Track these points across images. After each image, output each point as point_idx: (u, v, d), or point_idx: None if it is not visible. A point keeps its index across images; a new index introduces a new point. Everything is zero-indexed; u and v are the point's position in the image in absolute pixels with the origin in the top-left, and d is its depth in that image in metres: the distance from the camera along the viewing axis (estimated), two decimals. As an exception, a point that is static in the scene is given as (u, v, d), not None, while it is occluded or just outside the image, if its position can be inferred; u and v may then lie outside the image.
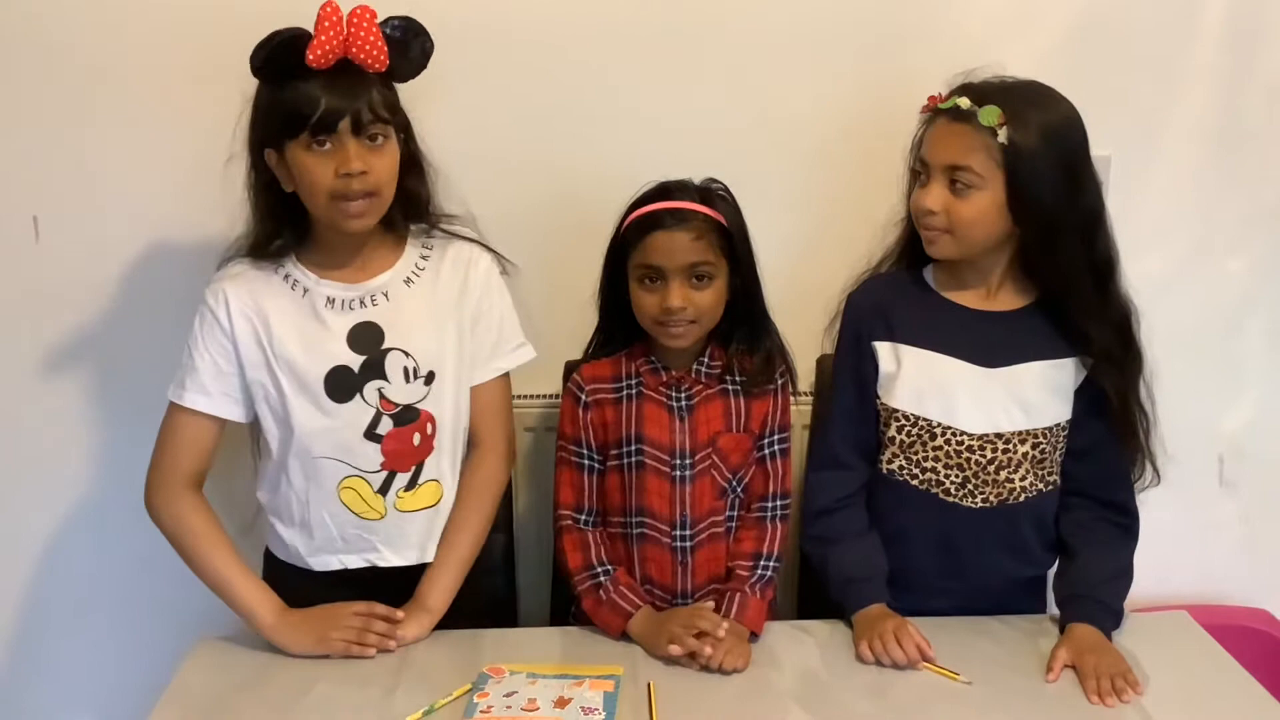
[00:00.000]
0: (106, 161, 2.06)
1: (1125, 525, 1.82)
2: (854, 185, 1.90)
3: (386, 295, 1.77)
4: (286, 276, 1.76)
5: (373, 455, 1.76)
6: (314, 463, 1.75)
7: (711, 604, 1.75)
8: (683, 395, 1.82)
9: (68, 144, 2.05)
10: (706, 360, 1.83)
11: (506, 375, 1.89)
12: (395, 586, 1.79)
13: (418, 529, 1.81)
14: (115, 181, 2.06)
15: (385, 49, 1.66)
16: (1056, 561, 1.86)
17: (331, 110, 1.62)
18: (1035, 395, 1.77)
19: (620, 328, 1.87)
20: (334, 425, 1.74)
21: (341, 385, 1.74)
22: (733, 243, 1.77)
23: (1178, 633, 1.81)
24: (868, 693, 1.63)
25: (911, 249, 1.83)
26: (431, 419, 1.78)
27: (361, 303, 1.76)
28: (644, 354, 1.84)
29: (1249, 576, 2.39)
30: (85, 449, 2.20)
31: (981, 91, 1.68)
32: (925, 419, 1.78)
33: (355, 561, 1.80)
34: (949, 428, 1.77)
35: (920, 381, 1.78)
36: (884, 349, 1.81)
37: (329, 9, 1.62)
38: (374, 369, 1.75)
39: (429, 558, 1.82)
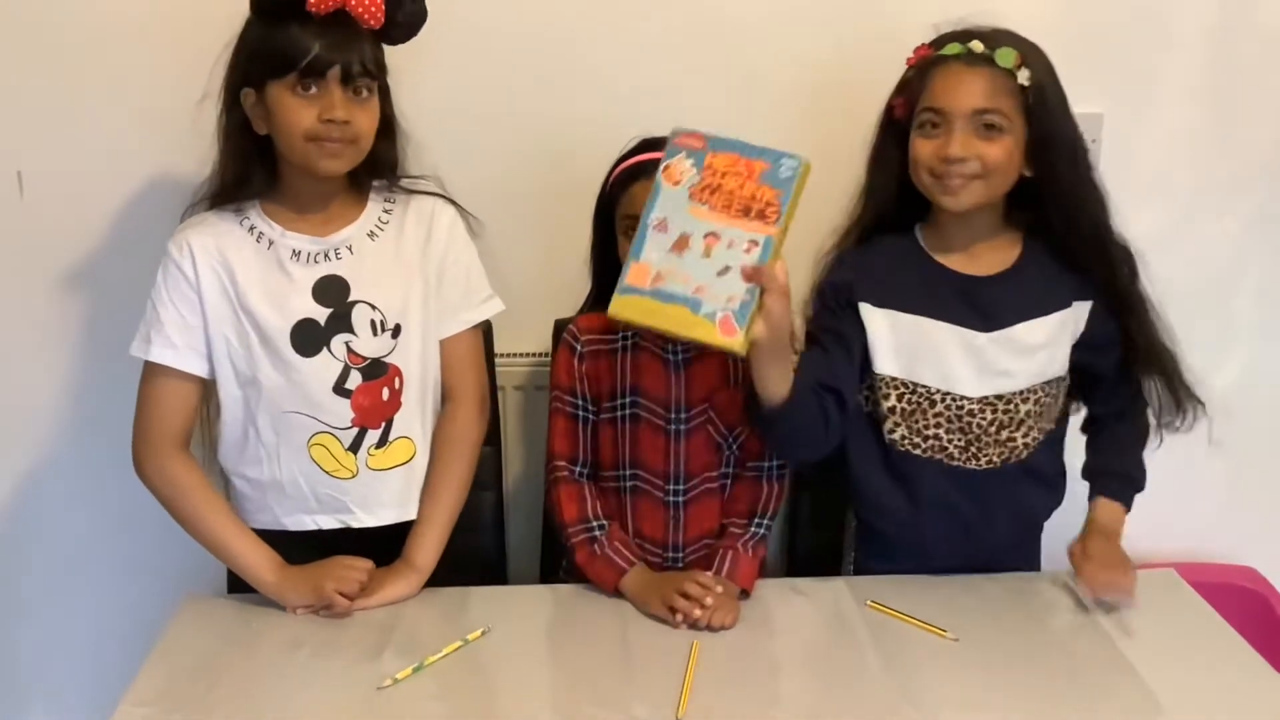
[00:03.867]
0: (91, 116, 2.04)
1: (1131, 408, 1.86)
2: (839, 143, 1.89)
3: (350, 249, 1.76)
4: (251, 228, 1.74)
5: (343, 411, 1.75)
6: (283, 418, 1.74)
7: (710, 574, 1.74)
8: (679, 349, 1.81)
9: (51, 99, 2.04)
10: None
11: (477, 328, 1.88)
12: (371, 549, 1.77)
13: (392, 487, 1.80)
14: (101, 136, 2.04)
15: (382, 6, 1.66)
16: (1054, 510, 1.88)
17: (323, 57, 1.62)
18: (1034, 353, 1.77)
19: (613, 287, 1.85)
20: (301, 380, 1.73)
21: (308, 339, 1.72)
22: None
23: (1165, 590, 1.81)
24: (858, 649, 1.64)
25: (895, 211, 1.80)
26: (399, 373, 1.77)
27: (326, 256, 1.75)
28: (642, 308, 1.84)
29: (1237, 535, 2.40)
30: (72, 403, 2.19)
31: (984, 33, 1.67)
32: (923, 386, 1.77)
33: (329, 522, 1.79)
34: (947, 393, 1.76)
35: (914, 348, 1.77)
36: (878, 315, 1.78)
37: None
38: (341, 322, 1.74)
39: (408, 516, 1.81)
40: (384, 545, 1.79)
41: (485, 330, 2.04)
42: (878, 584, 1.79)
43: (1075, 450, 1.91)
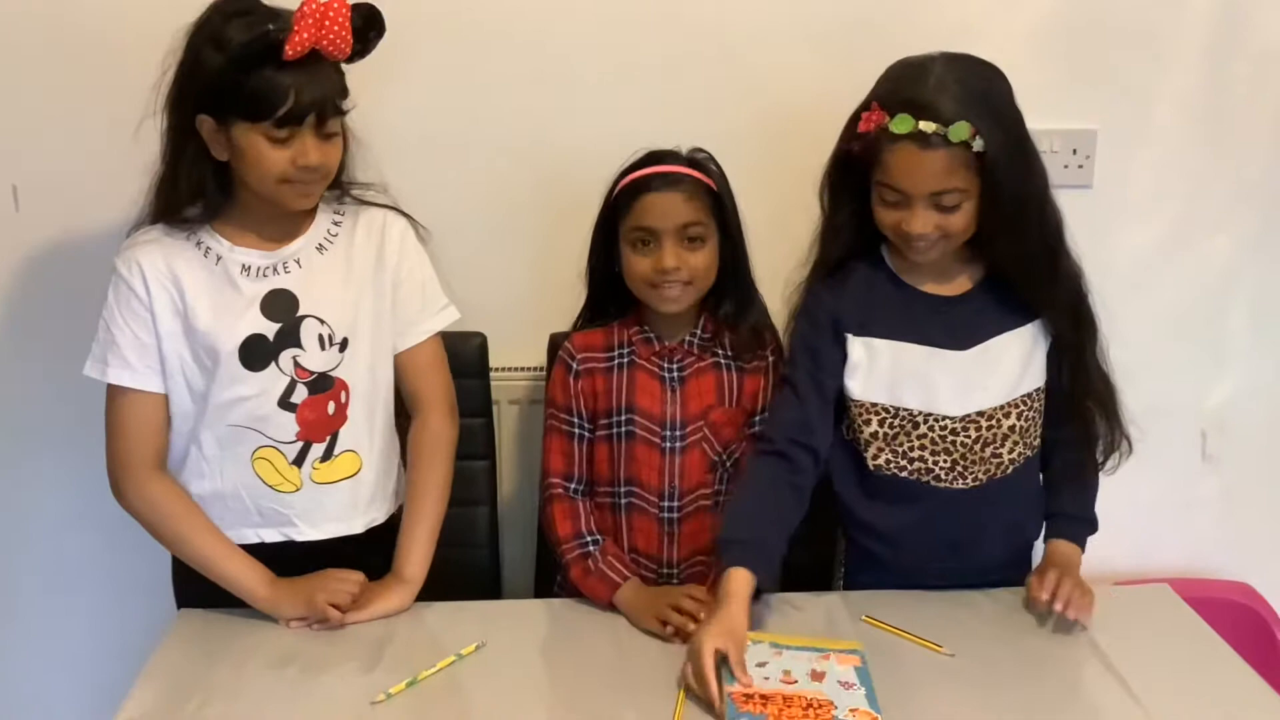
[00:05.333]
0: (86, 130, 2.04)
1: (1080, 440, 1.84)
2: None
3: (299, 262, 1.75)
4: (199, 244, 1.72)
5: (288, 425, 1.74)
6: (228, 432, 1.73)
7: (704, 588, 1.74)
8: (674, 366, 1.82)
9: (47, 113, 2.04)
10: (699, 332, 1.83)
11: (438, 335, 1.87)
12: (316, 563, 1.76)
13: (337, 501, 1.79)
14: (95, 150, 2.04)
15: (350, 40, 1.64)
16: (1042, 529, 1.88)
17: (300, 105, 1.61)
18: (1011, 366, 1.77)
19: (611, 300, 1.86)
20: (248, 394, 1.72)
21: (257, 353, 1.71)
22: (723, 208, 1.77)
23: (1159, 606, 1.82)
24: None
25: (860, 242, 1.79)
26: (345, 387, 1.77)
27: (275, 270, 1.74)
28: (636, 323, 1.84)
29: (1231, 551, 2.40)
30: (64, 417, 2.18)
31: (934, 106, 1.61)
32: (905, 409, 1.77)
33: (272, 535, 1.78)
34: (930, 414, 1.77)
35: (895, 373, 1.77)
36: (856, 343, 1.78)
37: (313, 5, 1.59)
38: (289, 336, 1.73)
39: (353, 529, 1.81)
40: (328, 559, 1.77)
41: (480, 344, 2.05)
42: (873, 598, 1.78)
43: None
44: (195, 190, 1.70)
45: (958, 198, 1.65)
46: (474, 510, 2.05)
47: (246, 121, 1.62)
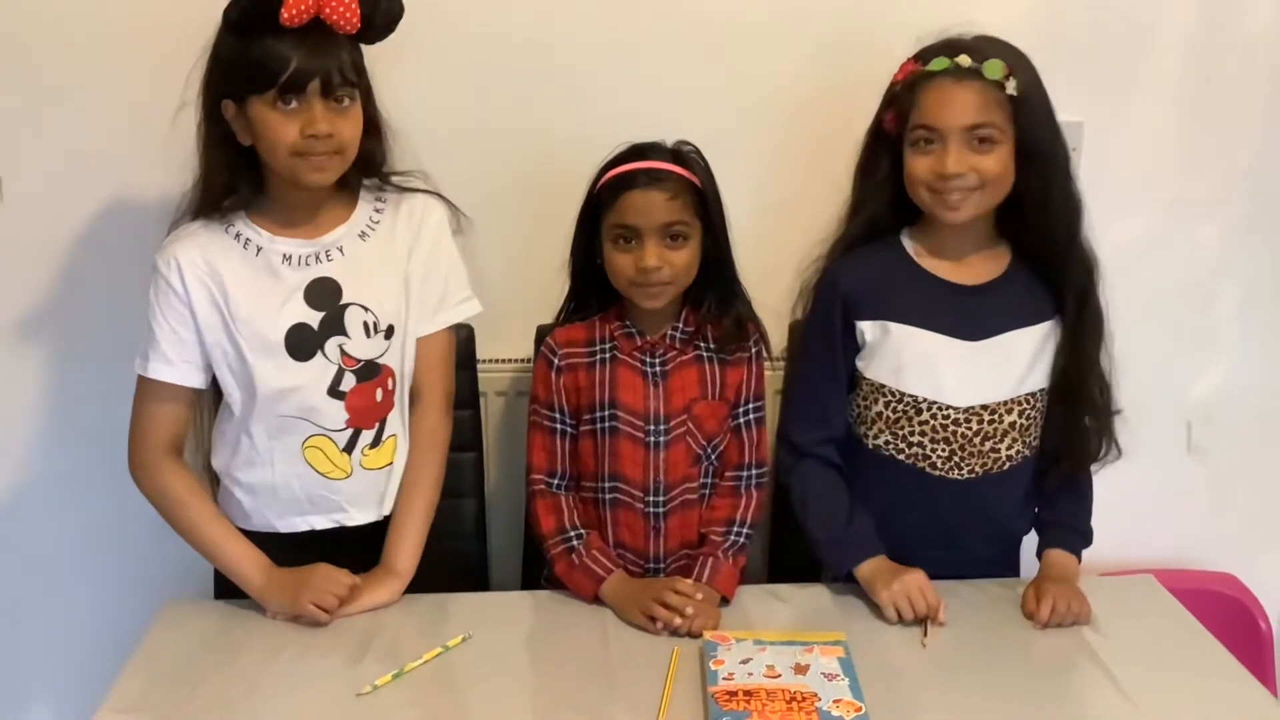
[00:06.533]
0: (71, 122, 2.03)
1: (1074, 448, 1.84)
2: (824, 150, 1.90)
3: (341, 250, 1.75)
4: (238, 235, 1.73)
5: (337, 413, 1.75)
6: (279, 422, 1.74)
7: (690, 581, 1.74)
8: (657, 361, 1.82)
9: (31, 105, 2.03)
10: (681, 325, 1.83)
11: (452, 328, 1.87)
12: (359, 546, 1.78)
13: (378, 486, 1.81)
14: (80, 142, 2.04)
15: (358, 11, 1.64)
16: (1030, 528, 1.89)
17: (301, 71, 1.60)
18: (1019, 362, 1.78)
19: (593, 292, 1.86)
20: (297, 384, 1.72)
21: (303, 343, 1.72)
22: (706, 204, 1.77)
23: (1144, 596, 1.82)
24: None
25: (886, 221, 1.81)
26: (392, 374, 1.78)
27: (317, 258, 1.74)
28: (618, 318, 1.84)
29: (1216, 541, 2.41)
30: (49, 409, 2.18)
31: (971, 47, 1.68)
32: (910, 395, 1.78)
33: (322, 522, 1.79)
34: (934, 403, 1.77)
35: (903, 357, 1.78)
36: (867, 326, 1.80)
37: None
38: (334, 325, 1.73)
39: (386, 512, 1.82)
40: (375, 541, 1.79)
41: (468, 335, 2.04)
42: (859, 589, 1.78)
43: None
44: (229, 180, 1.70)
45: (992, 133, 1.66)
46: (461, 502, 2.05)
47: (255, 95, 1.62)
